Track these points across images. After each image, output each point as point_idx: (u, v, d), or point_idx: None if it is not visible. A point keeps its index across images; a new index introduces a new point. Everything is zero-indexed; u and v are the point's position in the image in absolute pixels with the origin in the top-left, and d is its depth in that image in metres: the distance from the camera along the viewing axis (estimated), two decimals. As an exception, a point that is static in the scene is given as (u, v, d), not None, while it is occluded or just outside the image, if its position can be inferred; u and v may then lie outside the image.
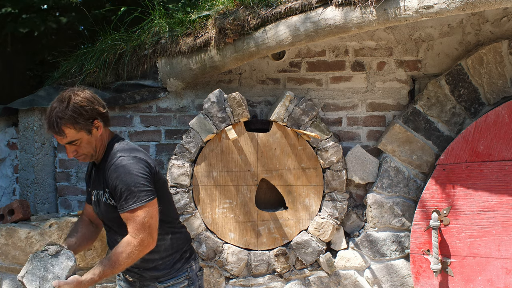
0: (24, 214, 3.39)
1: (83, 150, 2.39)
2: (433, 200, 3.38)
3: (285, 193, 3.48)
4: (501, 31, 3.52)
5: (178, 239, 2.56)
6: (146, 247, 2.31)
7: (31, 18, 5.80)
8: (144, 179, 2.32)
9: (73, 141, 2.34)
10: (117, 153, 2.37)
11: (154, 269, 2.49)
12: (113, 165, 2.33)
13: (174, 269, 2.51)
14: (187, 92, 3.70)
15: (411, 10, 3.03)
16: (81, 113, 2.30)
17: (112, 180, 2.32)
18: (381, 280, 3.57)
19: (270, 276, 3.52)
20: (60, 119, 2.28)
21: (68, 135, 2.32)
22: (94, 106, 2.36)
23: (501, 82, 3.44)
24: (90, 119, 2.34)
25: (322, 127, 3.46)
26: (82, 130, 2.33)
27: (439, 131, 3.51)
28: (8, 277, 3.38)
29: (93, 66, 3.66)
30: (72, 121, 2.29)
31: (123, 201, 2.30)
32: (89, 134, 2.35)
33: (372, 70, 3.63)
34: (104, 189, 2.40)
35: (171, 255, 2.51)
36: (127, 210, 2.30)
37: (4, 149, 3.79)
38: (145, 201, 2.30)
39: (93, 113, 2.35)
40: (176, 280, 2.50)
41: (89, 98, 2.35)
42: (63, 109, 2.29)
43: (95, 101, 2.38)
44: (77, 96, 2.33)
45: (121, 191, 2.29)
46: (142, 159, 2.37)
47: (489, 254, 3.32)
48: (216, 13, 3.43)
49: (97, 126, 2.37)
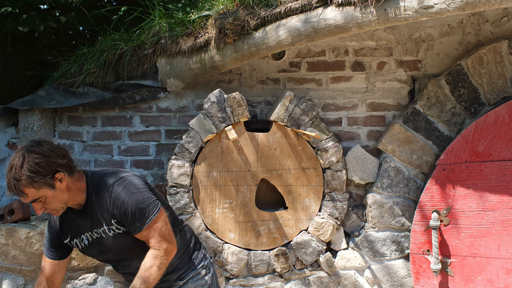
0: (24, 214, 3.40)
1: (51, 206, 2.28)
2: (433, 200, 3.38)
3: (285, 193, 3.48)
4: (501, 31, 3.52)
5: (185, 234, 2.59)
6: (171, 254, 2.34)
7: (31, 18, 5.79)
8: (147, 192, 2.32)
9: (37, 199, 2.24)
10: (108, 182, 2.32)
11: (175, 270, 2.52)
12: (113, 193, 2.29)
13: (191, 263, 2.57)
14: (187, 92, 3.70)
15: (411, 10, 3.03)
16: (37, 171, 2.16)
17: (119, 208, 2.29)
18: (381, 280, 3.57)
19: (270, 276, 3.52)
20: (17, 181, 2.16)
21: (30, 195, 2.20)
22: (52, 160, 2.21)
23: (501, 82, 3.44)
24: (49, 175, 2.20)
25: (322, 127, 3.46)
26: (43, 187, 2.20)
27: (439, 131, 3.51)
28: (8, 277, 3.38)
29: (93, 66, 3.66)
30: (29, 181, 2.16)
31: (137, 221, 2.28)
32: (53, 189, 2.23)
33: (372, 70, 3.63)
34: (109, 222, 2.35)
35: (185, 252, 2.56)
36: (144, 228, 2.29)
37: (4, 149, 3.79)
38: (156, 212, 2.30)
39: (52, 167, 2.20)
40: (195, 272, 2.56)
41: (45, 153, 2.20)
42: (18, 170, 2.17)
43: (53, 154, 2.22)
44: (31, 153, 2.18)
45: (131, 213, 2.28)
46: (133, 175, 2.37)
47: (489, 254, 3.32)
48: (216, 13, 3.43)
49: (60, 179, 2.23)
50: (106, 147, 3.75)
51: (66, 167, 2.26)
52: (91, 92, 3.68)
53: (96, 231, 2.39)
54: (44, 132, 3.67)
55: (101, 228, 2.37)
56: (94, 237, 2.41)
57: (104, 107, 3.71)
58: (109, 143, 3.75)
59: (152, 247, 2.31)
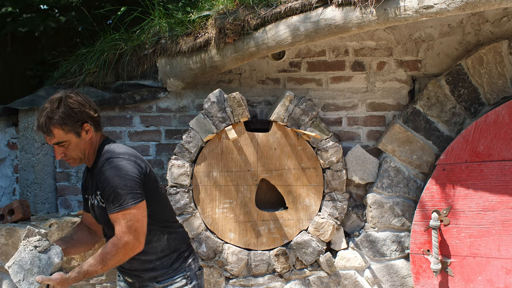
0: (24, 214, 3.39)
1: (71, 153, 2.38)
2: (433, 200, 3.38)
3: (285, 193, 3.48)
4: (501, 31, 3.52)
5: (175, 239, 2.54)
6: (131, 250, 2.30)
7: (31, 18, 5.80)
8: (133, 181, 2.30)
9: (61, 142, 2.34)
10: (107, 155, 2.36)
11: (152, 269, 2.48)
12: (102, 167, 2.33)
13: (172, 269, 2.50)
14: (187, 92, 3.70)
15: (411, 10, 3.03)
16: (70, 115, 2.30)
17: (101, 182, 2.32)
18: (381, 280, 3.57)
19: (270, 276, 3.52)
20: (50, 119, 2.29)
21: (56, 136, 2.32)
22: (85, 109, 2.34)
23: (501, 82, 3.44)
24: (79, 122, 2.33)
25: (322, 127, 3.46)
26: (70, 132, 2.32)
27: (439, 131, 3.51)
28: (8, 277, 3.38)
29: (93, 66, 3.66)
30: (61, 122, 2.29)
31: (111, 203, 2.30)
32: (78, 137, 2.34)
33: (372, 70, 3.64)
34: (95, 192, 2.40)
35: (168, 255, 2.50)
36: (113, 212, 2.29)
37: (4, 149, 3.79)
38: (131, 204, 2.28)
39: (83, 116, 2.34)
40: (173, 280, 2.49)
41: (81, 101, 2.34)
42: (54, 109, 2.29)
43: (87, 105, 2.36)
44: (69, 98, 2.33)
45: (108, 193, 2.29)
46: (132, 160, 2.36)
47: (489, 254, 3.32)
48: (216, 13, 3.43)
49: (86, 130, 2.36)
50: (106, 147, 3.74)
51: (95, 121, 2.39)
52: (91, 92, 3.68)
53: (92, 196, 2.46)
54: (44, 132, 3.67)
55: (93, 195, 2.44)
56: (92, 201, 2.47)
57: (104, 107, 3.70)
58: (109, 143, 3.74)
59: (115, 234, 2.30)
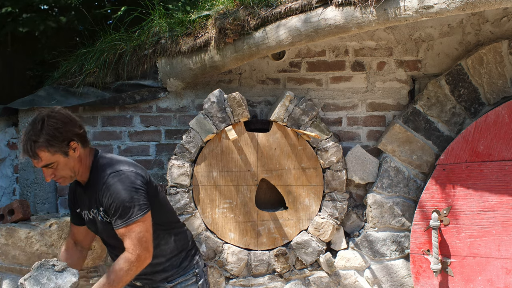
0: (24, 214, 3.39)
1: (61, 173, 2.32)
2: (433, 200, 3.38)
3: (285, 193, 3.48)
4: (501, 31, 3.52)
5: (181, 239, 2.57)
6: (143, 262, 2.30)
7: (31, 18, 5.80)
8: (138, 193, 2.29)
9: (49, 164, 2.27)
10: (106, 170, 2.32)
11: (163, 271, 2.50)
12: (105, 183, 2.30)
13: (182, 268, 2.54)
14: (187, 92, 3.70)
15: (411, 10, 3.03)
16: (55, 135, 2.23)
17: (106, 198, 2.29)
18: (381, 280, 3.57)
19: (270, 276, 3.52)
20: (34, 142, 2.21)
21: (43, 159, 2.25)
22: (70, 127, 2.28)
23: (501, 82, 3.44)
24: (65, 141, 2.26)
25: (322, 127, 3.46)
26: (57, 153, 2.25)
27: (439, 131, 3.51)
28: (8, 277, 3.38)
29: (93, 66, 3.66)
30: (46, 144, 2.21)
31: (118, 218, 2.27)
32: (66, 156, 2.28)
33: (372, 70, 3.64)
34: (98, 208, 2.37)
35: (177, 255, 2.54)
36: (122, 227, 2.28)
37: (4, 149, 3.79)
38: (140, 216, 2.27)
39: (68, 135, 2.27)
40: (184, 278, 2.53)
41: (64, 120, 2.27)
42: (37, 132, 2.21)
43: (71, 122, 2.29)
44: (51, 118, 2.24)
45: (115, 208, 2.27)
46: (132, 171, 2.34)
47: (489, 254, 3.32)
48: (216, 13, 3.43)
49: (74, 148, 2.29)
50: (106, 147, 3.74)
51: (81, 137, 2.33)
52: (91, 92, 3.68)
53: (92, 211, 2.43)
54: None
55: (94, 210, 2.41)
56: (90, 216, 2.45)
57: (104, 107, 3.71)
58: (109, 143, 3.74)
59: (126, 249, 2.28)
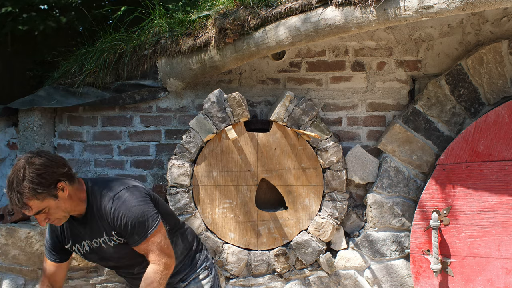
0: (24, 214, 3.39)
1: (54, 216, 2.27)
2: (433, 200, 3.38)
3: (285, 193, 3.48)
4: (501, 31, 3.52)
5: (187, 237, 2.61)
6: (170, 268, 2.34)
7: (31, 18, 5.79)
8: (147, 205, 2.31)
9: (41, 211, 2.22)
10: (108, 195, 2.31)
11: (177, 273, 2.53)
12: (112, 208, 2.29)
13: (194, 264, 2.59)
14: (187, 92, 3.70)
15: (411, 10, 3.03)
16: (40, 182, 2.15)
17: (119, 221, 2.28)
18: (381, 280, 3.57)
19: (270, 276, 3.52)
20: (21, 194, 2.14)
21: (34, 207, 2.18)
22: (53, 170, 2.20)
23: (501, 82, 3.44)
24: (52, 185, 2.19)
25: (322, 127, 3.46)
26: (46, 198, 2.19)
27: (439, 131, 3.51)
28: (8, 277, 3.38)
29: (93, 66, 3.66)
30: (33, 193, 2.14)
31: (136, 234, 2.28)
32: (56, 199, 2.22)
33: (372, 70, 3.63)
34: (109, 233, 2.35)
35: (188, 254, 2.58)
36: (141, 242, 2.29)
37: (4, 149, 3.79)
38: (155, 226, 2.30)
39: (53, 177, 2.19)
40: (196, 274, 2.58)
41: (46, 163, 2.19)
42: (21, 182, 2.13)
43: (53, 164, 2.21)
44: (32, 165, 2.16)
45: (131, 226, 2.27)
46: (131, 187, 2.34)
47: (489, 254, 3.32)
48: (216, 13, 3.43)
49: (62, 188, 2.22)
50: (106, 147, 3.75)
51: (67, 175, 2.26)
52: (91, 92, 3.68)
53: (95, 241, 2.40)
54: (44, 132, 3.67)
55: (101, 238, 2.38)
56: (93, 246, 2.42)
57: (104, 107, 3.71)
58: (109, 143, 3.75)
59: (151, 261, 2.30)
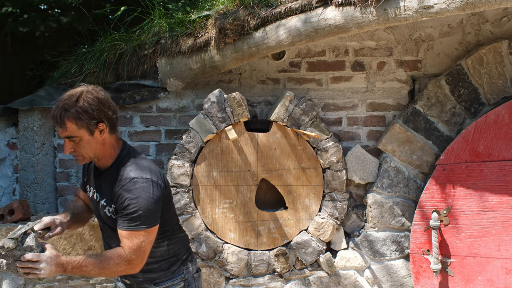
0: (24, 214, 3.40)
1: (81, 150, 2.31)
2: (433, 200, 3.38)
3: (285, 193, 3.48)
4: (501, 31, 3.52)
5: (175, 244, 2.54)
6: (132, 269, 2.28)
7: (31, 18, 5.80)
8: (155, 205, 2.29)
9: (72, 136, 2.27)
10: (130, 173, 2.30)
11: (149, 271, 2.47)
12: (125, 185, 2.28)
13: (170, 272, 2.49)
14: (187, 92, 3.70)
15: (411, 10, 3.03)
16: (87, 111, 2.22)
17: (122, 200, 2.27)
18: (381, 280, 3.57)
19: (270, 276, 3.52)
20: (65, 111, 2.22)
21: (69, 129, 2.24)
22: (103, 109, 2.26)
23: (501, 82, 3.44)
24: (95, 120, 2.24)
25: (322, 127, 3.46)
26: (83, 128, 2.25)
27: (439, 131, 3.51)
28: (8, 277, 3.38)
29: (93, 66, 3.66)
30: (76, 116, 2.21)
31: (128, 220, 2.26)
32: (91, 135, 2.27)
33: (372, 70, 3.64)
34: (109, 202, 2.35)
35: (167, 259, 2.50)
36: (127, 230, 2.26)
37: (4, 149, 3.79)
38: (148, 226, 2.26)
39: (99, 115, 2.25)
40: (172, 282, 2.48)
41: (101, 99, 2.27)
42: (71, 102, 2.22)
43: (106, 104, 2.28)
44: (89, 94, 2.25)
45: (128, 212, 2.25)
46: (155, 181, 2.32)
47: (489, 254, 3.32)
48: (216, 13, 3.43)
49: (101, 129, 2.28)
50: (106, 147, 3.74)
51: (111, 122, 2.31)
52: (91, 92, 3.67)
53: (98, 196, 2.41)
54: (44, 132, 3.67)
55: (103, 199, 2.38)
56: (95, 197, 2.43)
57: (104, 107, 3.71)
58: (109, 143, 3.74)
59: (123, 247, 2.26)
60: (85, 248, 3.35)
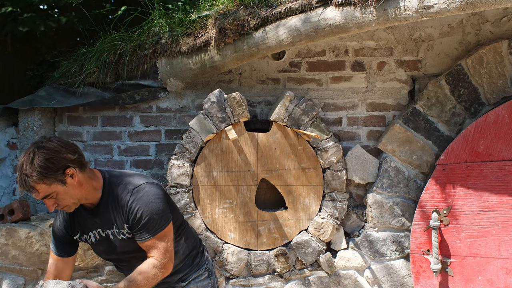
0: (24, 214, 3.40)
1: (63, 202, 2.28)
2: (433, 200, 3.38)
3: (285, 193, 3.48)
4: (501, 31, 3.52)
5: (190, 238, 2.62)
6: (167, 271, 2.33)
7: (31, 18, 5.79)
8: (163, 203, 2.33)
9: (48, 195, 2.23)
10: (127, 187, 2.33)
11: (177, 272, 2.53)
12: (129, 199, 2.30)
13: (195, 265, 2.60)
14: (187, 92, 3.70)
15: (411, 10, 3.03)
16: (48, 167, 2.17)
17: (133, 213, 2.29)
18: (381, 280, 3.57)
19: (270, 276, 3.52)
20: (28, 177, 2.16)
21: (41, 191, 2.20)
22: (61, 156, 2.21)
23: (501, 82, 3.44)
24: (60, 170, 2.20)
25: (322, 127, 3.46)
26: (54, 183, 2.20)
27: (439, 131, 3.51)
28: (8, 277, 3.38)
29: (93, 66, 3.66)
30: (40, 177, 2.16)
31: (146, 230, 2.29)
32: (64, 185, 2.23)
33: (372, 70, 3.64)
34: (120, 226, 2.35)
35: (189, 254, 2.58)
36: (150, 238, 2.30)
37: (4, 149, 3.79)
38: (165, 226, 2.31)
39: (61, 163, 2.20)
40: (197, 273, 2.59)
41: (55, 148, 2.21)
42: (29, 167, 2.17)
43: (63, 149, 2.23)
44: (40, 150, 2.19)
45: (144, 221, 2.28)
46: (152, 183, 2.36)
47: (489, 254, 3.32)
48: (216, 13, 3.43)
49: (70, 175, 2.23)
50: (106, 147, 3.75)
51: (76, 162, 2.27)
52: (91, 92, 3.68)
53: (104, 231, 2.40)
54: (44, 132, 3.67)
55: (111, 230, 2.38)
56: (101, 236, 2.42)
57: (104, 107, 3.71)
58: (109, 143, 3.75)
59: (154, 257, 2.30)
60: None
